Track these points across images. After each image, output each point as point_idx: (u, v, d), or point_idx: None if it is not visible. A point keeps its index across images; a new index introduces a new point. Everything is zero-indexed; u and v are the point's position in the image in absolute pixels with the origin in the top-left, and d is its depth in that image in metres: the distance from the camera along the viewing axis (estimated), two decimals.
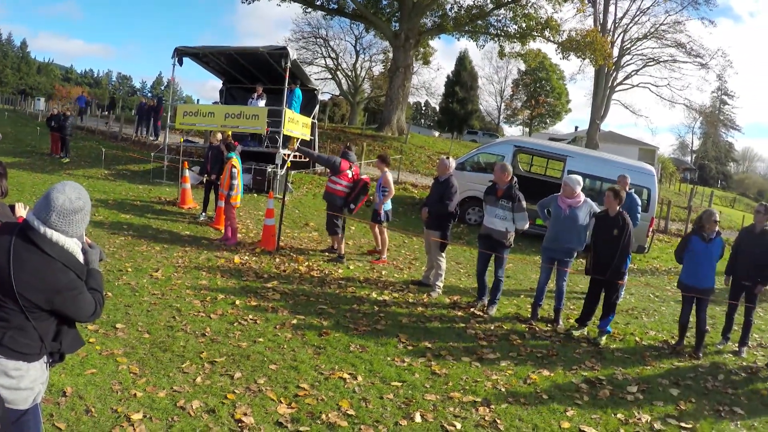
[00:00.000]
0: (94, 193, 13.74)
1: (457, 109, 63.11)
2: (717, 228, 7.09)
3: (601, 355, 6.70)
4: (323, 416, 4.50)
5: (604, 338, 7.22)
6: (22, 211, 3.67)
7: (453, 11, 31.66)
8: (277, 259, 9.59)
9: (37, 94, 50.64)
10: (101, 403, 4.38)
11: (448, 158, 8.89)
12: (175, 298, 7.09)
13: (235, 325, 6.40)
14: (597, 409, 5.22)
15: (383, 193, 10.31)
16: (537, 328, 7.47)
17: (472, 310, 7.92)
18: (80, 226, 2.77)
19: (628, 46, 46.20)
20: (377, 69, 58.06)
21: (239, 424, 4.26)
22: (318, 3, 33.85)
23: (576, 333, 7.38)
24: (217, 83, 20.49)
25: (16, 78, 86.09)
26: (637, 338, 7.58)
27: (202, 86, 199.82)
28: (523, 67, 62.11)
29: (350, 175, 9.96)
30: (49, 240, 2.64)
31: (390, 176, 10.52)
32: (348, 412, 4.63)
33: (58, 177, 15.50)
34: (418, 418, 4.63)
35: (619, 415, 5.13)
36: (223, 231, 11.06)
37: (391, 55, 36.71)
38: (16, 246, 2.59)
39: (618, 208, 7.26)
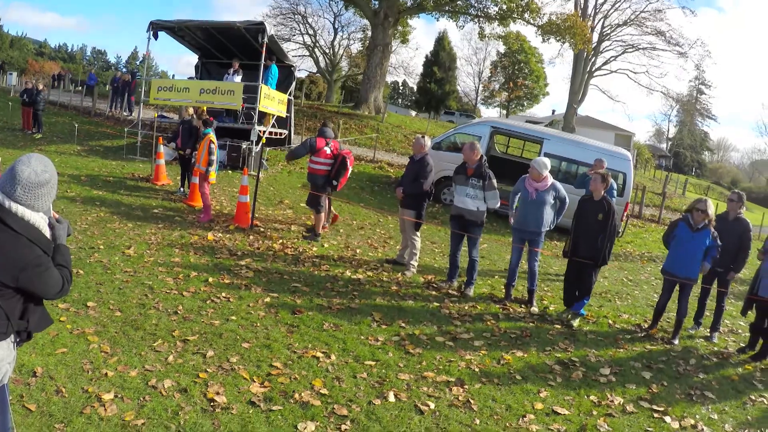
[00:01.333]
0: (66, 169, 13.50)
1: (435, 89, 62.87)
2: (706, 219, 6.99)
3: (574, 337, 6.80)
4: (296, 395, 4.51)
5: (577, 321, 7.32)
6: None
7: None
8: (251, 237, 9.53)
9: (9, 69, 49.33)
10: (72, 383, 4.34)
11: (423, 137, 8.86)
12: (148, 276, 7.02)
13: (207, 303, 6.36)
14: (570, 390, 5.31)
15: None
16: (511, 309, 7.55)
17: (445, 289, 7.96)
18: (46, 200, 2.70)
19: (608, 32, 46.49)
20: (355, 47, 57.56)
21: (211, 404, 4.25)
22: None
23: (566, 316, 7.42)
24: (193, 58, 20.21)
25: None
26: (610, 321, 7.70)
27: (178, 61, 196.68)
28: (502, 49, 62.10)
29: (329, 152, 9.74)
30: (14, 214, 2.58)
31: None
32: (321, 391, 4.65)
33: (29, 152, 15.17)
34: (391, 398, 4.67)
35: (592, 397, 5.22)
36: (197, 208, 10.97)
37: (369, 33, 36.37)
38: None
39: (603, 192, 7.32)
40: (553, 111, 67.28)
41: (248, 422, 4.10)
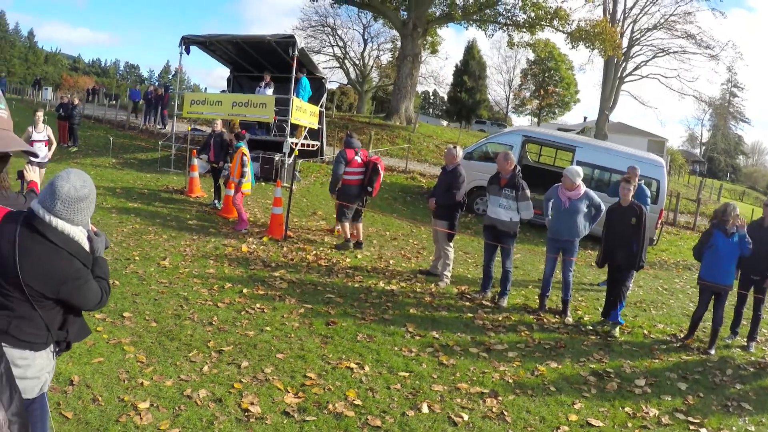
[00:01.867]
0: (101, 182, 13.77)
1: (466, 98, 62.76)
2: (739, 222, 6.97)
3: (609, 348, 6.66)
4: (330, 406, 4.49)
5: (617, 330, 7.19)
6: (32, 175, 3.65)
7: (461, 0, 31.44)
8: (285, 248, 9.57)
9: (45, 84, 50.71)
10: (108, 392, 4.39)
11: (455, 147, 8.83)
12: (183, 287, 7.08)
13: (242, 313, 6.39)
14: (605, 401, 5.19)
15: None
16: (545, 320, 7.44)
17: (479, 300, 7.89)
18: (86, 214, 2.73)
19: (638, 36, 45.79)
20: (385, 58, 57.82)
21: (246, 413, 4.25)
22: None
23: (602, 330, 7.29)
24: (225, 72, 20.59)
25: (24, 68, 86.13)
26: (645, 331, 7.53)
27: (209, 75, 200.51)
28: (531, 56, 61.71)
29: (359, 161, 9.84)
30: (54, 228, 2.60)
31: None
32: (355, 402, 4.62)
33: (66, 166, 15.49)
34: (425, 409, 4.61)
35: (626, 409, 5.10)
36: (231, 219, 11.09)
37: (399, 43, 36.48)
38: (21, 235, 2.55)
39: (631, 197, 7.23)
40: (585, 118, 66.60)
41: None
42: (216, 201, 12.49)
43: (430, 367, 5.47)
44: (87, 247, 2.81)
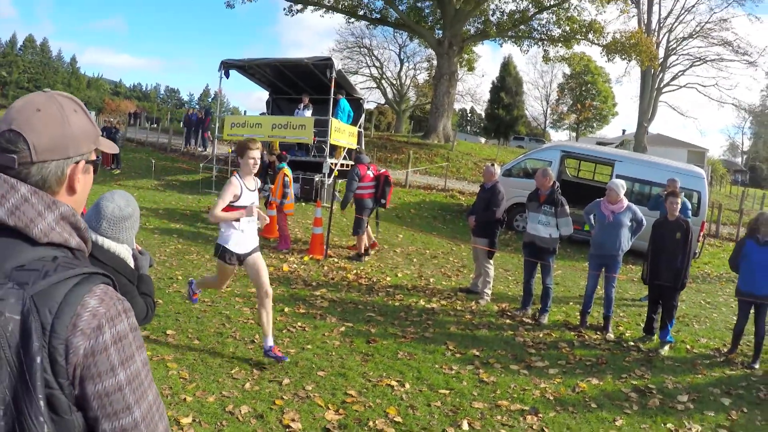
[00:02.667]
0: (144, 203, 14.09)
1: (503, 115, 62.47)
2: None
3: (651, 363, 6.50)
4: (370, 423, 4.47)
5: (666, 348, 7.01)
6: None
7: (495, 17, 31.50)
8: (326, 267, 9.63)
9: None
10: None
11: (493, 165, 8.83)
12: (225, 306, 7.17)
13: (283, 332, 6.43)
14: (646, 418, 5.05)
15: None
16: (586, 336, 7.31)
17: (519, 317, 7.80)
18: (130, 232, 2.83)
19: (674, 46, 45.21)
20: (422, 77, 58.10)
21: (287, 430, 4.26)
22: (360, 13, 34.06)
23: (644, 346, 7.13)
24: (264, 94, 20.92)
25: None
26: (688, 346, 7.33)
27: (249, 97, 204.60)
28: (568, 70, 61.25)
29: (371, 175, 10.35)
30: (101, 247, 2.71)
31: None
32: (395, 419, 4.59)
33: (109, 188, 15.87)
34: (465, 426, 4.56)
35: (669, 425, 4.95)
36: (272, 240, 11.22)
37: (435, 62, 36.62)
38: None
39: (678, 212, 7.11)
40: (624, 131, 65.46)
41: None
42: None
43: (470, 385, 5.41)
44: (132, 264, 2.89)
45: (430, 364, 5.85)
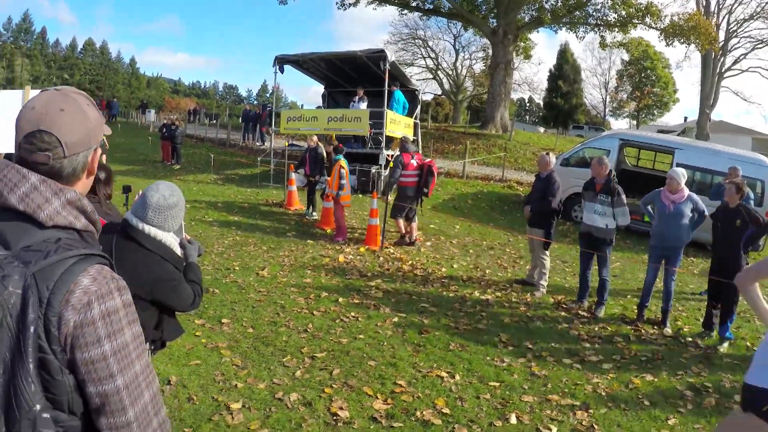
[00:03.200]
0: (203, 197, 14.47)
1: (562, 103, 61.26)
2: None
3: (708, 361, 6.21)
4: (418, 413, 4.46)
5: (725, 345, 6.72)
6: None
7: (550, 3, 30.74)
8: (381, 258, 9.66)
9: (149, 107, 54.29)
10: (203, 392, 4.58)
11: (548, 154, 8.63)
12: (280, 296, 7.29)
13: (336, 321, 6.49)
14: (701, 418, 4.83)
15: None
16: (643, 331, 7.05)
17: (575, 310, 7.62)
18: (175, 221, 2.93)
19: (735, 28, 43.06)
20: (478, 66, 57.32)
21: (334, 418, 4.30)
22: (413, 4, 33.89)
23: (702, 342, 6.83)
24: (320, 88, 20.99)
25: (128, 93, 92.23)
26: (748, 343, 6.94)
27: (307, 92, 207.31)
28: (626, 57, 59.35)
29: (415, 164, 10.47)
30: (147, 235, 2.83)
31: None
32: (443, 410, 4.56)
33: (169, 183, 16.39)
34: (513, 420, 4.49)
35: None
36: (329, 231, 11.35)
37: (490, 51, 36.14)
38: (117, 243, 2.81)
39: (739, 201, 6.79)
40: (686, 118, 62.85)
41: None
42: (308, 213, 12.84)
43: (521, 378, 5.33)
44: (179, 252, 3.00)
45: (481, 356, 5.79)
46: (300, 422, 4.21)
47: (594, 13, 30.43)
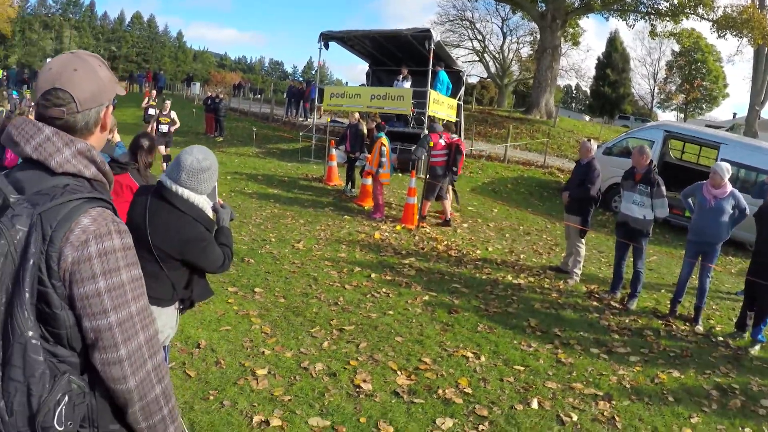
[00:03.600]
0: (244, 169, 14.67)
1: (609, 92, 59.73)
2: None
3: (738, 362, 6.05)
4: (440, 391, 4.50)
5: (757, 347, 6.54)
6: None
7: None
8: (417, 237, 9.70)
9: (195, 80, 55.01)
10: (231, 357, 4.72)
11: (589, 140, 8.52)
12: (314, 268, 7.40)
13: (367, 296, 6.57)
14: (724, 419, 4.73)
15: None
16: (674, 326, 6.91)
17: (607, 300, 7.53)
18: (208, 184, 3.02)
19: None
20: (525, 51, 56.13)
21: (357, 389, 4.39)
22: None
23: (733, 343, 6.64)
24: (366, 66, 20.96)
25: (174, 66, 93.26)
26: None
27: (352, 69, 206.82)
28: (677, 47, 57.44)
29: (443, 143, 10.58)
30: (180, 197, 2.92)
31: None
32: (465, 390, 4.60)
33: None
34: (534, 405, 4.49)
35: (747, 429, 4.61)
36: (366, 208, 11.41)
37: (538, 36, 35.50)
38: (151, 203, 2.91)
39: None
40: (734, 114, 60.46)
41: (389, 410, 4.18)
42: (347, 189, 12.93)
43: (546, 364, 5.32)
44: (211, 214, 3.08)
45: (508, 339, 5.79)
46: (323, 391, 4.30)
47: (645, 1, 29.62)
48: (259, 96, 36.33)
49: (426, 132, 10.94)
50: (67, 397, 1.42)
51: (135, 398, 1.49)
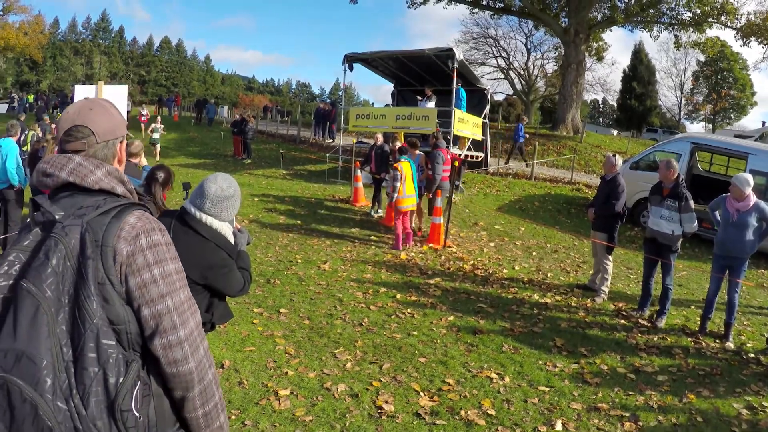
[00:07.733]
0: (271, 191, 14.83)
1: (635, 105, 59.21)
2: None
3: None
4: (462, 412, 4.49)
5: None
6: None
7: (622, 1, 29.92)
8: (443, 257, 9.69)
9: (222, 103, 55.90)
10: (254, 377, 4.78)
11: (614, 155, 8.43)
12: (339, 289, 7.45)
13: (392, 317, 6.58)
14: None
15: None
16: (703, 343, 6.75)
17: (635, 318, 7.42)
18: (231, 211, 3.11)
19: None
20: (550, 66, 56.04)
21: (379, 410, 4.40)
22: (483, 3, 33.59)
23: (765, 359, 6.45)
24: (391, 87, 21.12)
25: (203, 89, 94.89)
26: None
27: (378, 90, 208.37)
28: (702, 57, 56.71)
29: (449, 158, 11.14)
30: (204, 224, 3.02)
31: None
32: (489, 411, 4.57)
33: (239, 176, 16.88)
34: (558, 426, 4.45)
35: None
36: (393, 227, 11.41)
37: (562, 51, 35.43)
38: (175, 228, 3.00)
39: None
40: (764, 123, 59.21)
41: None
42: (373, 210, 12.98)
43: (572, 384, 5.26)
44: (232, 240, 3.16)
45: (534, 359, 5.75)
46: (345, 412, 4.33)
47: (668, 12, 29.48)
48: (286, 118, 36.77)
49: (436, 150, 10.99)
50: (140, 383, 1.55)
51: (195, 380, 1.62)
